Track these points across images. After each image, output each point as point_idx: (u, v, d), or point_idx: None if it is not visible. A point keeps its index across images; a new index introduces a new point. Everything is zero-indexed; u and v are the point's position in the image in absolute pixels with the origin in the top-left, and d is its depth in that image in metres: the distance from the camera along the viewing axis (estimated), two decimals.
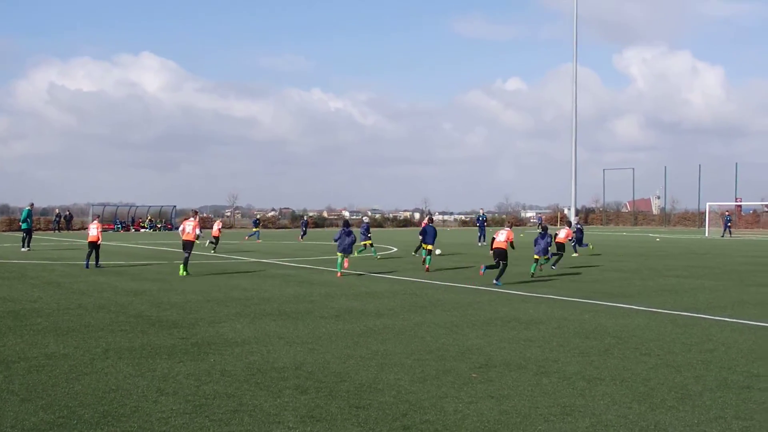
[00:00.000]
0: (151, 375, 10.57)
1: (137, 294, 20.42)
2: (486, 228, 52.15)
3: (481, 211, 54.96)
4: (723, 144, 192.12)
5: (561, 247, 32.03)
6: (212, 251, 40.25)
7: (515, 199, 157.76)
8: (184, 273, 26.61)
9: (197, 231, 27.68)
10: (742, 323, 15.77)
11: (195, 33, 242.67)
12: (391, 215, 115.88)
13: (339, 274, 26.72)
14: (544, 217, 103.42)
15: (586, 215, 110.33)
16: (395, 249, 44.16)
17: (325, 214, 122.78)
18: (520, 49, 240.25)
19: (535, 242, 27.52)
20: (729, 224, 68.58)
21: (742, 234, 74.34)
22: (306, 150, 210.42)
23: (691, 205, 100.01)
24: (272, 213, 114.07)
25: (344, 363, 11.39)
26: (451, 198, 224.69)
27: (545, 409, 8.94)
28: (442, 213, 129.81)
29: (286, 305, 18.08)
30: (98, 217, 34.54)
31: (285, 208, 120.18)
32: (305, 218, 66.90)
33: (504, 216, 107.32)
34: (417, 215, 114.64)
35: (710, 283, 24.58)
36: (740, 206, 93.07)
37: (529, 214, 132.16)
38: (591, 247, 41.29)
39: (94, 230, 30.69)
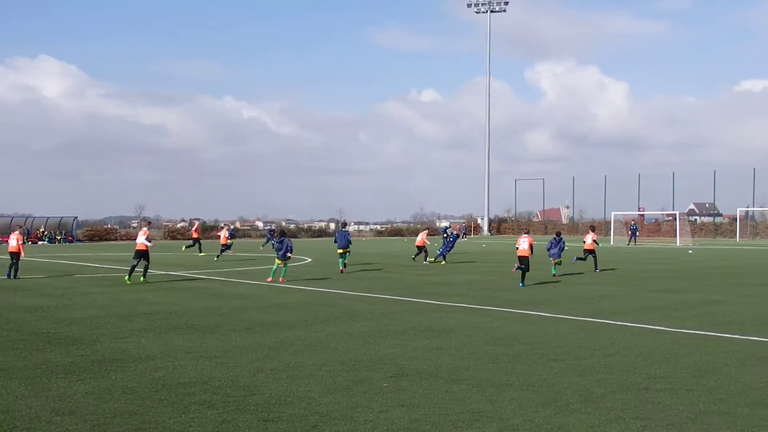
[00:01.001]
0: (46, 395, 10.27)
1: (34, 310, 19.84)
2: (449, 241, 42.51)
3: (445, 224, 53.41)
4: (627, 156, 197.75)
5: (589, 251, 35.19)
6: (215, 258, 43.81)
7: (430, 209, 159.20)
8: (129, 281, 28.03)
9: (144, 239, 28.38)
10: (642, 327, 16.29)
11: (98, 35, 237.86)
12: (305, 225, 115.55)
13: (269, 279, 28.64)
14: (453, 224, 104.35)
15: (498, 224, 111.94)
16: (309, 260, 44.06)
17: (237, 224, 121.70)
18: (437, 61, 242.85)
19: (549, 247, 30.47)
20: (635, 233, 71.52)
21: (644, 242, 76.58)
22: (218, 159, 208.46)
23: (597, 215, 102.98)
24: (182, 224, 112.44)
25: (254, 376, 11.33)
26: (366, 208, 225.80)
27: (455, 415, 9.07)
28: (358, 223, 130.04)
29: (194, 319, 17.88)
30: (20, 227, 34.14)
31: (195, 219, 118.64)
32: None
33: (419, 225, 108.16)
34: (332, 225, 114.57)
35: (614, 289, 25.29)
36: (643, 216, 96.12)
37: (444, 223, 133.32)
38: (443, 262, 39.84)
39: (14, 241, 30.57)
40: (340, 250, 33.43)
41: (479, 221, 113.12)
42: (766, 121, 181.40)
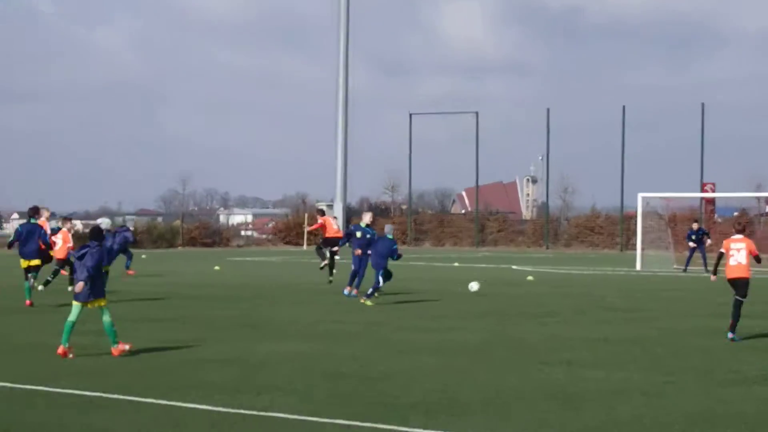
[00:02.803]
0: None
1: None
2: None
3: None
4: (669, 67, 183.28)
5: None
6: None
7: None
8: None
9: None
10: None
11: None
12: None
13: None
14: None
15: (373, 217, 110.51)
16: None
17: None
18: None
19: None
20: (701, 242, 66.51)
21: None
22: None
23: (605, 199, 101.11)
24: None
25: None
26: None
27: None
28: None
29: None
30: None
31: None
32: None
33: None
34: None
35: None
36: (712, 204, 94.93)
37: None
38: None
39: None
40: None
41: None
42: None
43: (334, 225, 26.44)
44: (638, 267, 36.36)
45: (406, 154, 64.42)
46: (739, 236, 15.25)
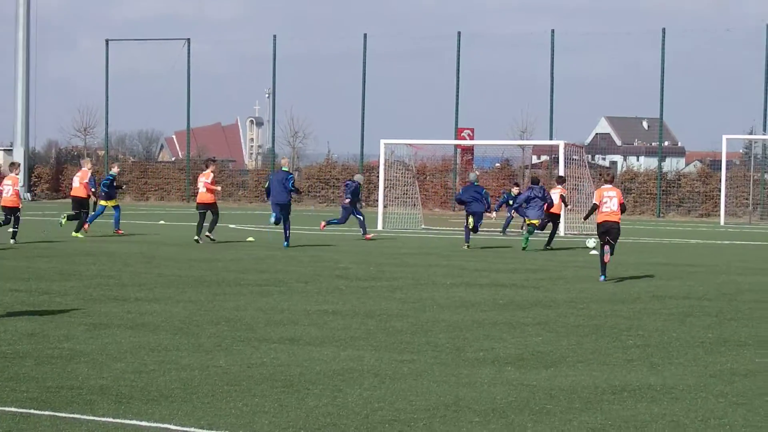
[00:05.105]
0: None
1: None
2: None
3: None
4: None
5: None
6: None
7: None
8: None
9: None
10: None
11: None
12: None
13: None
14: None
15: (56, 171, 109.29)
16: None
17: None
18: None
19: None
20: None
21: None
22: None
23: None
24: None
25: None
26: None
27: None
28: None
29: None
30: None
31: None
32: None
33: None
34: None
35: None
36: None
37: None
38: None
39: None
40: None
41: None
42: None
43: None
44: (380, 226, 37.50)
45: (103, 90, 62.98)
46: (610, 186, 20.57)
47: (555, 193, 29.21)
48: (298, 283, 19.17)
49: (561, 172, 36.21)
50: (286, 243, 27.38)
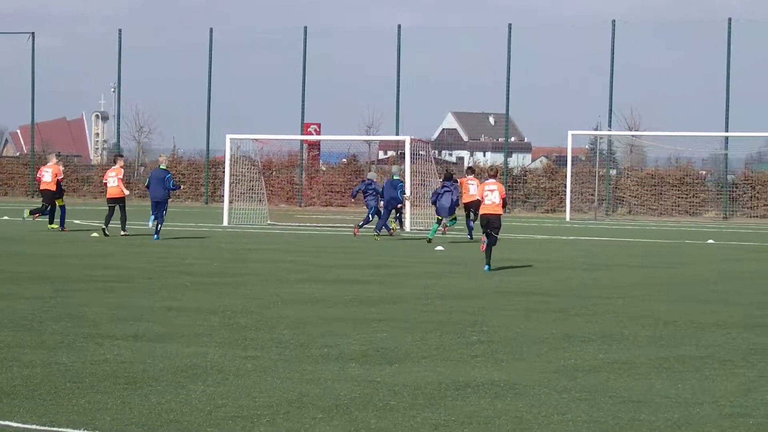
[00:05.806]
0: None
1: None
2: None
3: None
4: None
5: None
6: None
7: None
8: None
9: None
10: None
11: None
12: None
13: None
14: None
15: None
16: None
17: None
18: None
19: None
20: None
21: None
22: None
23: None
24: None
25: None
26: None
27: None
28: None
29: None
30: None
31: None
32: None
33: None
34: None
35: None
36: None
37: None
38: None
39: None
40: None
41: None
42: None
43: None
44: (225, 222, 37.47)
45: None
46: (493, 180, 21.88)
47: (473, 184, 29.96)
48: (143, 279, 19.05)
49: (407, 168, 36.49)
50: (156, 236, 28.17)
